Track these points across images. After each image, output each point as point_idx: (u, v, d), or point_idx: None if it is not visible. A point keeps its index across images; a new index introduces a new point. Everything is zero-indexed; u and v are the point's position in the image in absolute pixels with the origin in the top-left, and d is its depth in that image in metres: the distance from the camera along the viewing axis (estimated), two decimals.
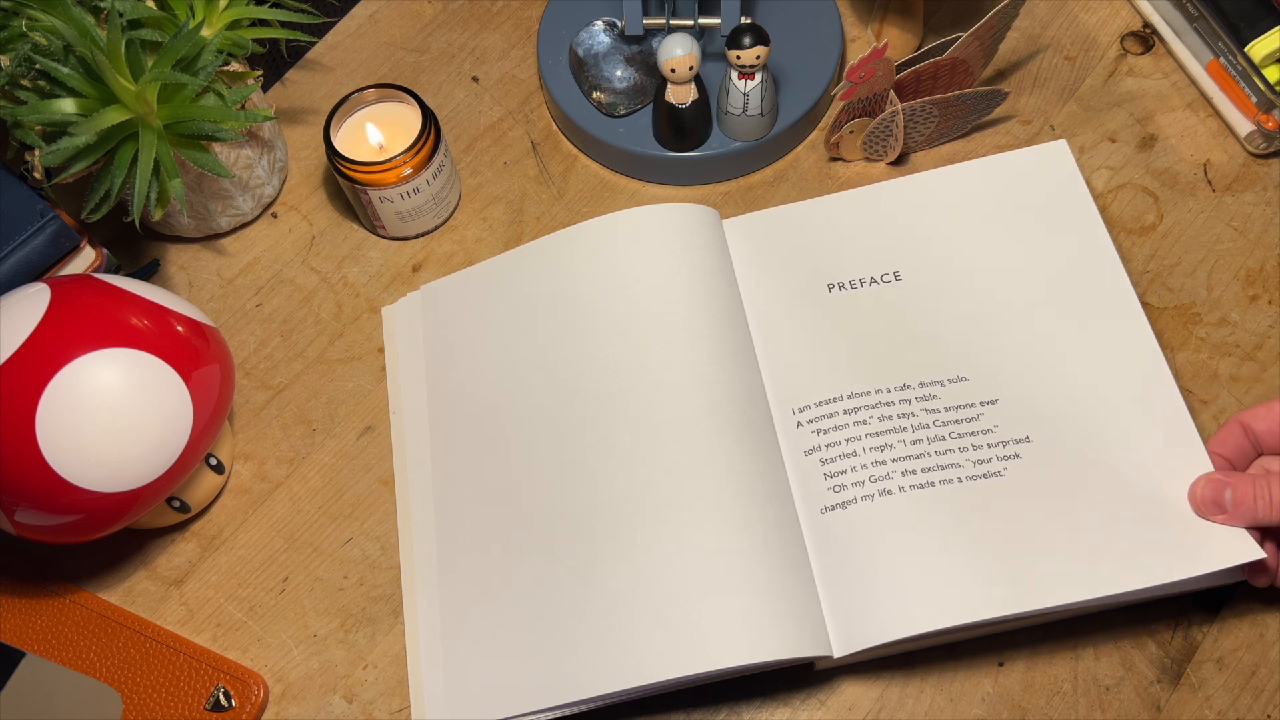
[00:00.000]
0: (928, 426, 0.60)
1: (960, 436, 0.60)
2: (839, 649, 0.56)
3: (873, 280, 0.66)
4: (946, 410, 0.61)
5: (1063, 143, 0.69)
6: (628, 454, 0.60)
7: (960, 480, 0.59)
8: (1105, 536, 0.56)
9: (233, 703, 0.59)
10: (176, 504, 0.62)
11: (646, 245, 0.65)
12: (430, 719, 0.58)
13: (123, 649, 0.61)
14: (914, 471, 0.59)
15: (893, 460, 0.59)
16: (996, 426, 0.60)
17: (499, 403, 0.64)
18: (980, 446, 0.60)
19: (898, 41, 0.75)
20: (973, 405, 0.61)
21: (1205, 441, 0.59)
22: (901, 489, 0.58)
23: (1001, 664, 0.58)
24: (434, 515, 0.63)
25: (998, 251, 0.66)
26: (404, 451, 0.66)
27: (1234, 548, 0.55)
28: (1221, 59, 0.71)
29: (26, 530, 0.57)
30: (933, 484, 0.59)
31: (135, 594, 0.63)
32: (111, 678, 0.60)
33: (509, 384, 0.65)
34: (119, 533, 0.60)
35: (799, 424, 0.61)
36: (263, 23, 0.68)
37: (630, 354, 0.63)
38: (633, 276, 0.65)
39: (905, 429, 0.60)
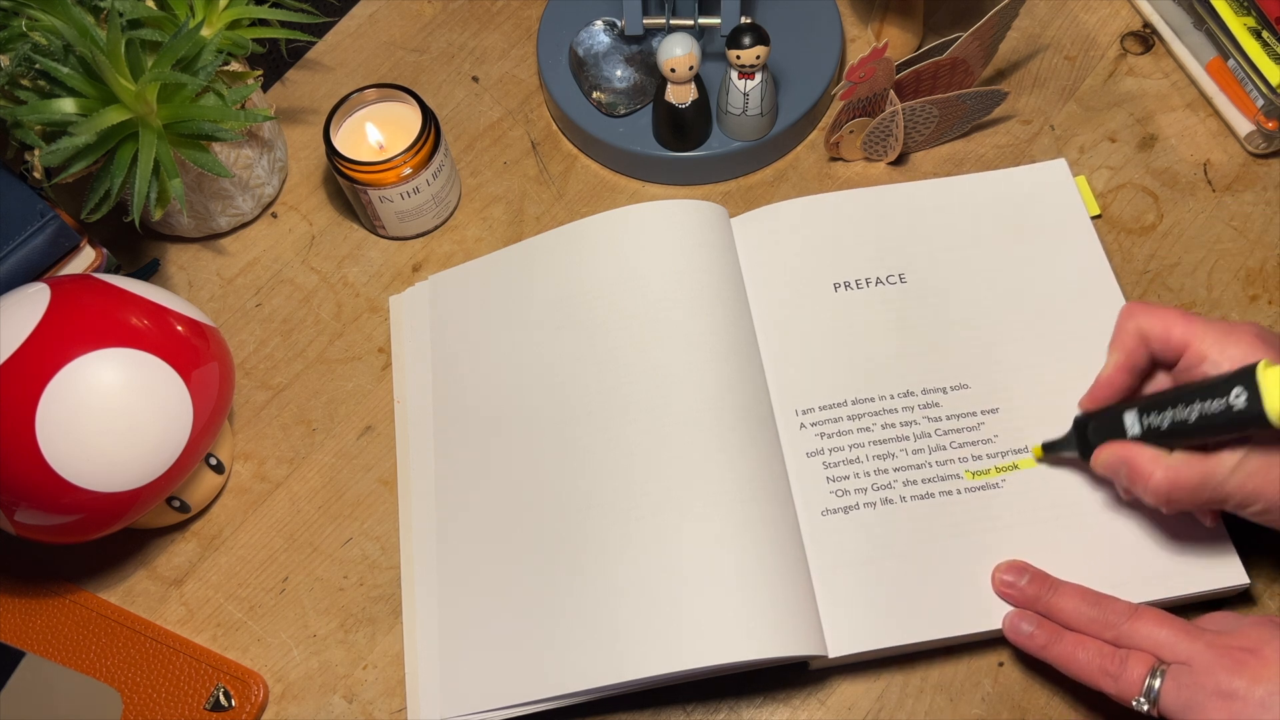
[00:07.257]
0: (929, 435, 0.61)
1: (961, 446, 0.60)
2: (834, 649, 0.56)
3: (879, 281, 0.66)
4: (948, 419, 0.61)
5: (1061, 161, 0.69)
6: (628, 448, 0.60)
7: (960, 492, 0.59)
8: (1100, 555, 0.57)
9: (233, 703, 0.59)
10: (176, 504, 0.62)
11: (654, 240, 0.65)
12: (425, 717, 0.58)
13: (123, 649, 0.61)
14: (915, 482, 0.59)
15: (895, 469, 0.60)
16: (996, 436, 0.61)
17: (503, 393, 0.64)
18: (980, 457, 0.60)
19: (898, 41, 0.75)
20: (974, 414, 0.61)
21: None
22: (903, 499, 0.59)
23: (1001, 664, 0.58)
24: (435, 507, 0.63)
25: (999, 263, 0.66)
26: (407, 443, 0.66)
27: (1221, 570, 0.57)
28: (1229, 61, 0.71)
29: (26, 530, 0.57)
30: (932, 495, 0.59)
31: (135, 594, 0.63)
32: (111, 678, 0.60)
33: (513, 375, 0.65)
34: (119, 533, 0.60)
35: (802, 425, 0.61)
36: (263, 23, 0.68)
37: (635, 349, 0.63)
38: (640, 271, 0.65)
39: (908, 438, 0.61)
